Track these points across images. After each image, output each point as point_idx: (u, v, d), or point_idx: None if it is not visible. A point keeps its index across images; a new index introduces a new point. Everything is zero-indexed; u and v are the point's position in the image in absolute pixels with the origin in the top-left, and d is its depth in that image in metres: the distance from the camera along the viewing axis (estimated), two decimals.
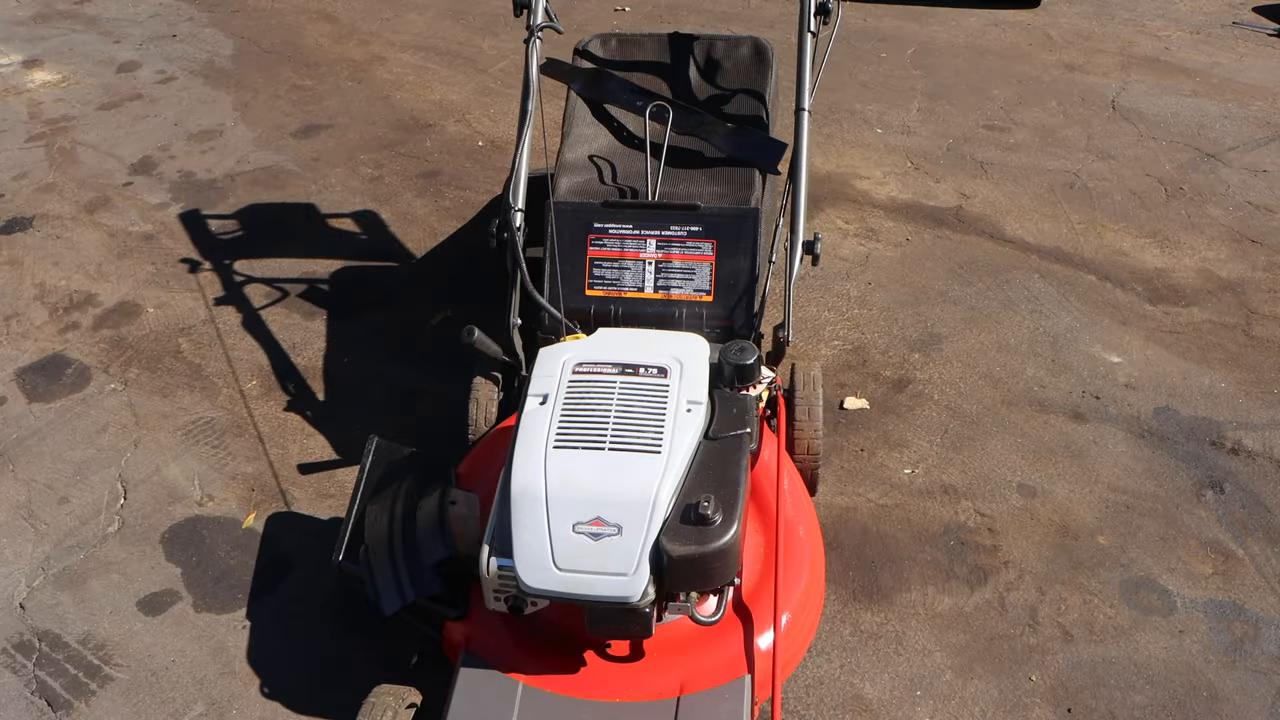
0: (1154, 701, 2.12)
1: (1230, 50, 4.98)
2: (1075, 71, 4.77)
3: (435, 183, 4.01)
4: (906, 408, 2.87)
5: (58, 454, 2.81)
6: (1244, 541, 2.47)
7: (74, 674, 2.24)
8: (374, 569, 2.05)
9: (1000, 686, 2.16)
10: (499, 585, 1.83)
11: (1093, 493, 2.61)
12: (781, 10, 5.52)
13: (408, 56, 5.13)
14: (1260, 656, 2.20)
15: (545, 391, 1.98)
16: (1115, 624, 2.28)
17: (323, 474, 2.72)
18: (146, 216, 3.85)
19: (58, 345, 3.22)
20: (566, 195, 2.52)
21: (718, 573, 1.79)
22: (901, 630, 2.28)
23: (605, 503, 1.78)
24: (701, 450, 1.92)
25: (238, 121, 4.52)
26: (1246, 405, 2.85)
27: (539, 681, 1.90)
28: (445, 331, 3.21)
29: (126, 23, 5.66)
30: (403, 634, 2.24)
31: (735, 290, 2.36)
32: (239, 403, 2.96)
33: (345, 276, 3.49)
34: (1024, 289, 3.33)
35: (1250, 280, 3.35)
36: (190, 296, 3.41)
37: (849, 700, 2.14)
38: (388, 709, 1.88)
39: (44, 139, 4.43)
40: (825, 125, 4.33)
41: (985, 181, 3.90)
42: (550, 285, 2.41)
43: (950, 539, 2.49)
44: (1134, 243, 3.55)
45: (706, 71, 2.77)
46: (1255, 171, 3.93)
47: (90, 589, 2.43)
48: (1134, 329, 3.15)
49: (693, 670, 1.91)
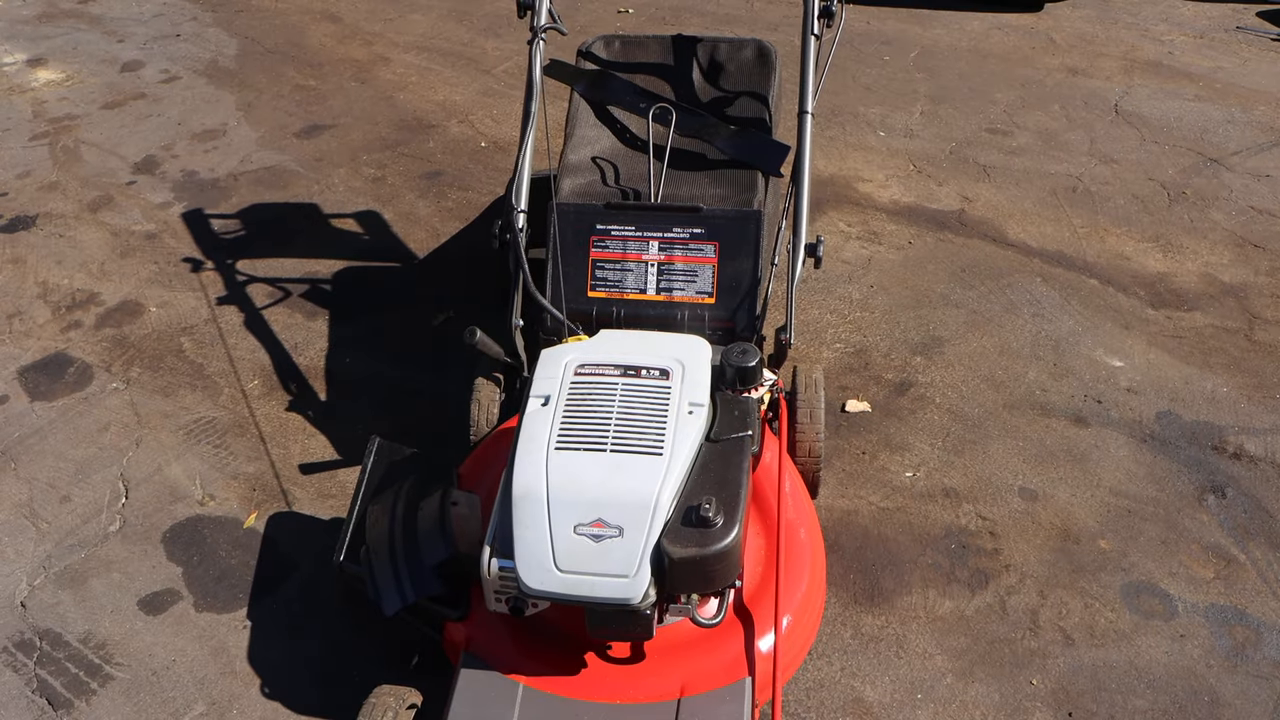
0: (1155, 706, 2.12)
1: (1234, 55, 4.98)
2: (1078, 75, 4.77)
3: (438, 184, 4.01)
4: (908, 411, 2.87)
5: (59, 453, 2.82)
6: (1245, 546, 2.47)
7: (75, 673, 2.24)
8: (375, 569, 2.05)
9: (1001, 690, 2.16)
10: (500, 586, 1.83)
11: (1094, 497, 2.61)
12: (785, 13, 5.52)
13: (411, 57, 5.13)
14: (1261, 661, 2.20)
15: (547, 393, 1.98)
16: (1116, 628, 2.28)
17: (324, 474, 2.72)
18: (149, 216, 3.86)
19: (60, 344, 3.22)
20: (569, 196, 2.53)
21: (719, 575, 1.78)
22: (902, 633, 2.28)
23: (607, 504, 1.78)
24: (703, 452, 1.92)
25: (241, 121, 4.52)
26: (1248, 410, 2.85)
27: (539, 683, 1.90)
28: (447, 332, 3.21)
29: (131, 22, 5.67)
30: (403, 634, 2.24)
31: (737, 293, 2.36)
32: (241, 402, 2.96)
33: (347, 277, 3.49)
34: (1026, 293, 3.33)
35: (1253, 285, 3.34)
36: (192, 296, 3.41)
37: (850, 703, 2.14)
38: (388, 709, 1.88)
39: (48, 138, 4.43)
40: (828, 128, 4.33)
41: (988, 185, 3.90)
42: (552, 286, 2.41)
43: (951, 542, 2.49)
44: (1136, 247, 3.55)
45: (710, 74, 2.77)
46: (1258, 176, 3.92)
47: (91, 588, 2.43)
48: (1136, 333, 3.15)
49: (693, 672, 1.91)
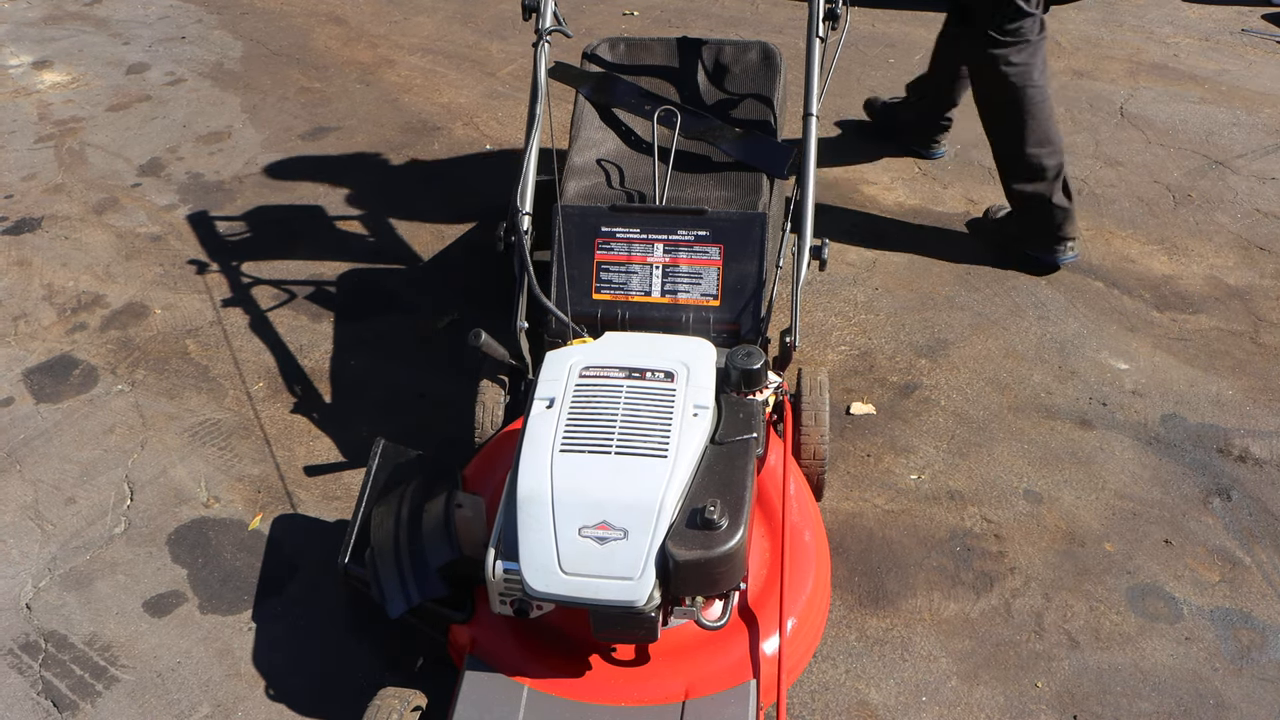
0: (1160, 709, 2.11)
1: (1239, 58, 4.97)
2: (1083, 78, 4.76)
3: (442, 186, 4.01)
4: (913, 413, 2.87)
5: (65, 455, 2.82)
6: (1251, 549, 2.46)
7: (80, 675, 2.24)
8: (380, 572, 2.05)
9: (1006, 693, 2.15)
10: (504, 589, 1.83)
11: (1099, 499, 2.60)
12: (789, 15, 5.52)
13: (416, 60, 5.14)
14: (1267, 664, 2.20)
15: (552, 395, 1.98)
16: (1121, 631, 2.28)
17: (329, 476, 2.72)
18: (154, 218, 3.87)
19: (65, 346, 3.23)
20: (574, 199, 2.53)
21: (723, 577, 1.78)
22: (907, 636, 2.28)
23: (611, 507, 1.78)
24: (708, 455, 1.92)
25: (246, 123, 4.53)
26: (1254, 413, 2.85)
27: (544, 685, 1.90)
28: (452, 334, 3.21)
29: (136, 24, 5.68)
30: (408, 637, 2.24)
31: (742, 295, 2.36)
32: (246, 404, 2.97)
33: (352, 279, 3.50)
34: (1031, 295, 3.32)
35: (1258, 288, 3.34)
36: (198, 298, 3.41)
37: (854, 706, 2.13)
38: (393, 712, 1.88)
39: (53, 140, 4.45)
40: (832, 130, 4.33)
41: (992, 187, 3.89)
42: (557, 289, 2.41)
43: (956, 545, 2.49)
44: (1142, 249, 3.54)
45: (715, 76, 2.77)
46: (1264, 179, 3.92)
47: (96, 590, 2.44)
48: (1141, 336, 3.14)
49: (698, 675, 1.91)
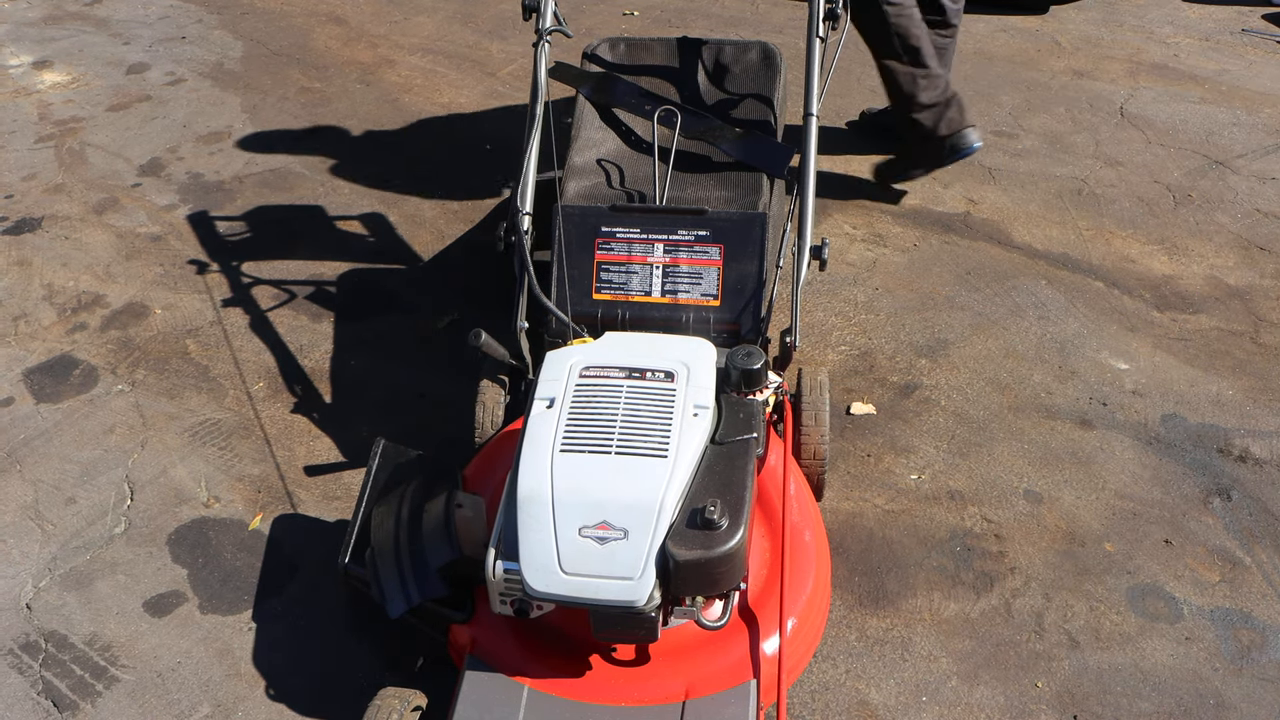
0: (1160, 709, 2.11)
1: (1239, 58, 4.97)
2: (1084, 78, 4.76)
3: (442, 186, 4.01)
4: (913, 413, 2.87)
5: (65, 455, 2.82)
6: (1251, 549, 2.46)
7: (80, 675, 2.24)
8: (380, 572, 2.05)
9: (1006, 693, 2.15)
10: (504, 589, 1.83)
11: (1099, 499, 2.60)
12: (789, 15, 5.52)
13: (416, 59, 5.14)
14: (1267, 665, 2.20)
15: (552, 395, 1.98)
16: (1122, 631, 2.28)
17: (329, 476, 2.72)
18: (155, 218, 3.87)
19: (65, 346, 3.23)
20: (574, 199, 2.53)
21: (724, 577, 1.78)
22: (907, 636, 2.27)
23: (611, 507, 1.78)
24: (708, 455, 1.92)
25: (246, 123, 4.53)
26: (1254, 413, 2.85)
27: (544, 685, 1.90)
28: (452, 334, 3.21)
29: (136, 24, 5.68)
30: (408, 637, 2.24)
31: (742, 295, 2.36)
32: (246, 404, 2.97)
33: (352, 278, 3.50)
34: (1031, 295, 3.32)
35: (1258, 287, 3.34)
36: (198, 298, 3.41)
37: (854, 706, 2.13)
38: (393, 712, 1.88)
39: (53, 140, 4.45)
40: (833, 131, 4.33)
41: (993, 187, 3.90)
42: (557, 289, 2.41)
43: (956, 545, 2.49)
44: (1142, 249, 3.54)
45: (715, 76, 2.77)
46: (1264, 179, 3.91)
47: (97, 590, 2.44)
48: (1141, 336, 3.14)
49: (698, 675, 1.91)
